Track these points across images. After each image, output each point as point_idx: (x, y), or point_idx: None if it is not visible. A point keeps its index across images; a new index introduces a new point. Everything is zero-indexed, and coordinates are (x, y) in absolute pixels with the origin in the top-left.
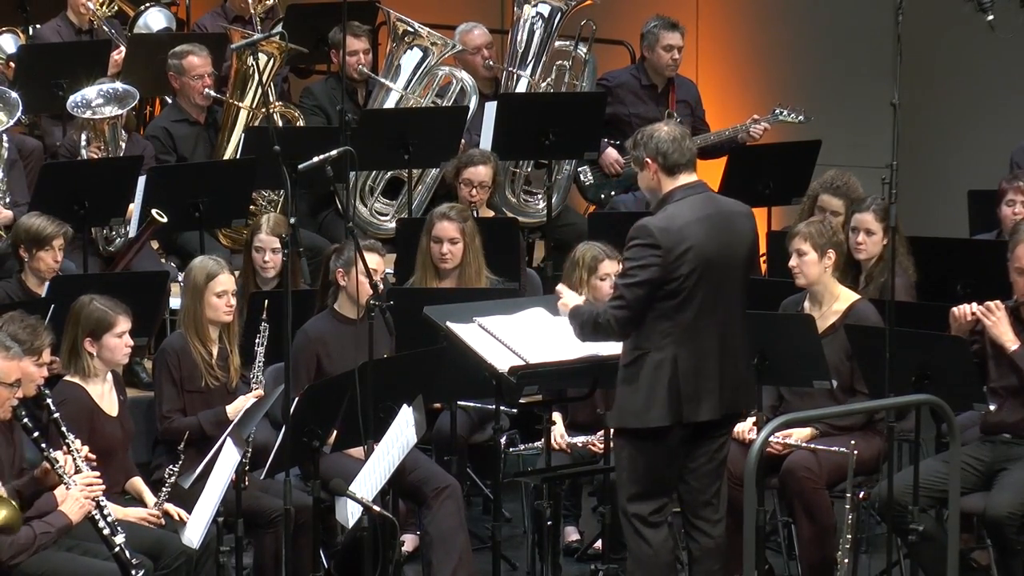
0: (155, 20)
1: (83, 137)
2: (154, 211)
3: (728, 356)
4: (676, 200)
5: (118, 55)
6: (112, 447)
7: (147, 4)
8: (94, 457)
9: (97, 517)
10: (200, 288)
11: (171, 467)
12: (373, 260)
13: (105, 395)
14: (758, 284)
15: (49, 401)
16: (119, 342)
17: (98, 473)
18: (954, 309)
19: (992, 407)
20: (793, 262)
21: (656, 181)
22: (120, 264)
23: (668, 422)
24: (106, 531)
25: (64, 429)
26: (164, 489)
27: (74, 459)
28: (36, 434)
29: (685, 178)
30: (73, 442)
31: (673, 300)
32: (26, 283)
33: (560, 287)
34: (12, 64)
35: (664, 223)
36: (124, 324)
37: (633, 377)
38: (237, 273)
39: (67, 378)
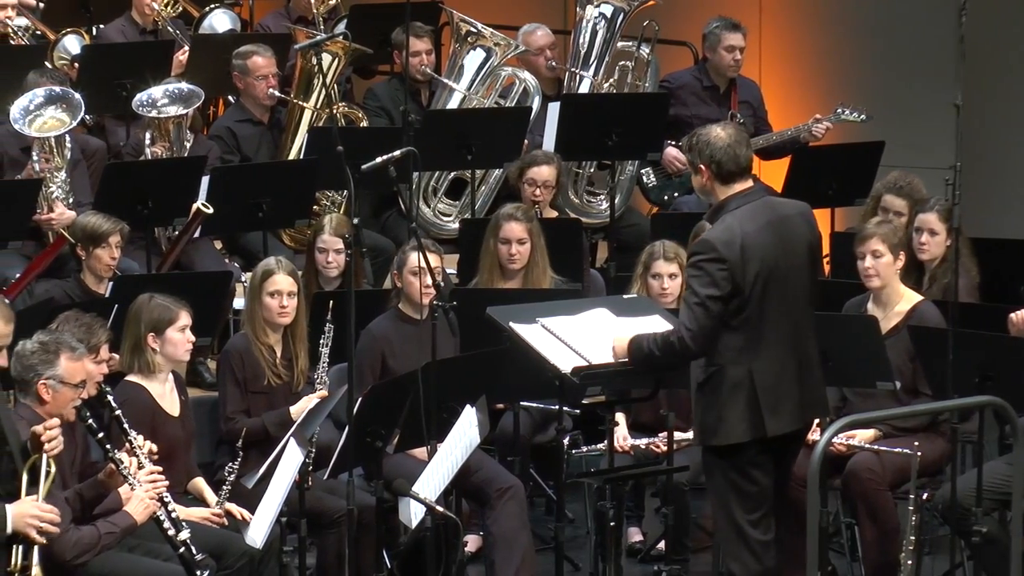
0: (220, 22)
1: (148, 136)
2: (200, 202)
3: (804, 365)
4: (732, 209)
5: (182, 55)
6: (173, 447)
7: (212, 5)
8: (156, 453)
9: (162, 516)
10: (256, 287)
11: (231, 465)
12: (414, 259)
13: (166, 395)
14: (821, 285)
15: (111, 398)
16: (181, 337)
17: (160, 468)
18: (1012, 315)
19: None
20: (868, 263)
21: (710, 187)
22: (170, 258)
23: (747, 437)
24: (171, 531)
25: (126, 426)
26: (224, 487)
27: (137, 457)
28: (100, 435)
29: (740, 185)
30: (135, 439)
31: (742, 314)
32: (85, 282)
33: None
34: (76, 65)
35: (726, 235)
36: (185, 319)
37: (709, 394)
38: (300, 273)
39: (129, 377)
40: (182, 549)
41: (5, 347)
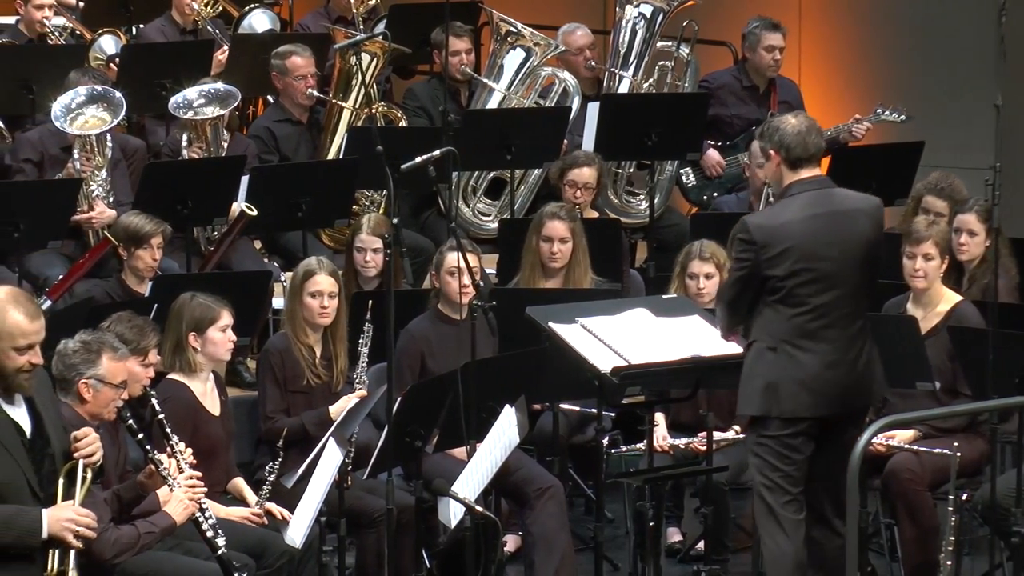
0: (259, 21)
1: (184, 137)
2: (244, 205)
3: (839, 356)
4: (791, 195)
5: (221, 55)
6: (214, 447)
7: (251, 5)
8: (194, 462)
9: (201, 519)
10: (297, 287)
11: (270, 464)
12: (452, 259)
13: (207, 394)
14: None
15: (155, 402)
16: (223, 336)
17: (200, 474)
18: None
19: None
20: (919, 265)
21: (779, 173)
22: (212, 259)
23: (759, 412)
24: (209, 533)
25: (168, 431)
26: (264, 487)
27: (177, 462)
28: (140, 435)
29: (807, 172)
30: (176, 444)
31: (775, 296)
32: (126, 282)
33: None
34: (112, 65)
35: (764, 220)
36: (227, 318)
37: (745, 365)
38: (340, 273)
39: (170, 376)
40: (220, 551)
41: (38, 344)
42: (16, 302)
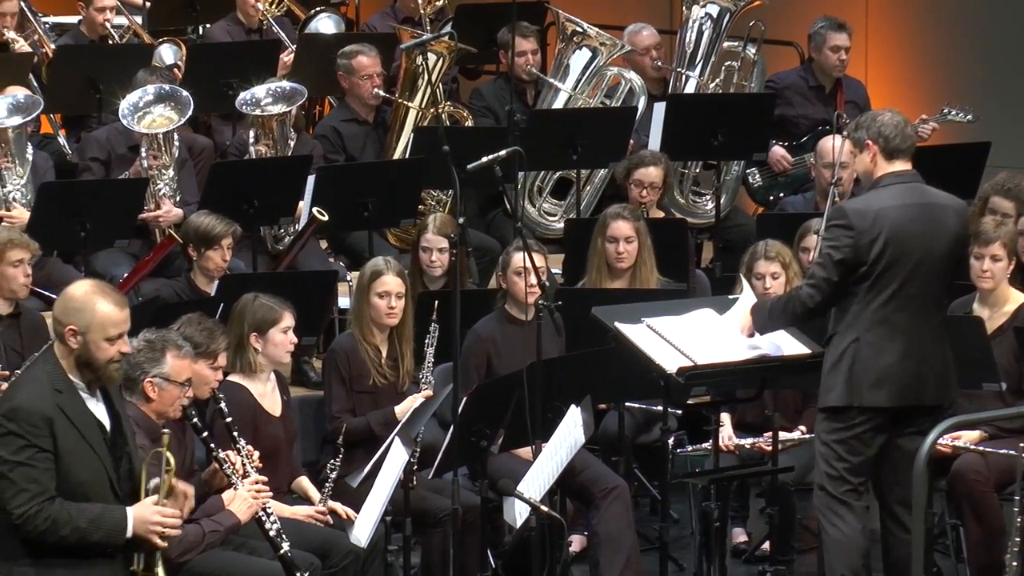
0: (325, 26)
1: (251, 135)
2: (315, 209)
3: (918, 348)
4: (883, 185)
5: (287, 56)
6: (275, 447)
7: (318, 9)
8: (260, 465)
9: (264, 520)
10: (364, 287)
11: (332, 462)
12: (518, 259)
13: (267, 395)
14: None
15: (223, 405)
16: (284, 338)
17: (266, 478)
18: None
19: None
20: (987, 266)
21: (873, 164)
22: (284, 262)
23: (843, 403)
24: (272, 534)
25: (235, 433)
26: (327, 485)
27: (243, 462)
28: (205, 434)
29: (900, 165)
30: (244, 447)
31: (864, 283)
32: (195, 282)
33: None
34: (176, 72)
35: (861, 205)
36: (288, 320)
37: (828, 357)
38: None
39: (230, 378)
40: (282, 551)
41: (126, 333)
42: (103, 292)
